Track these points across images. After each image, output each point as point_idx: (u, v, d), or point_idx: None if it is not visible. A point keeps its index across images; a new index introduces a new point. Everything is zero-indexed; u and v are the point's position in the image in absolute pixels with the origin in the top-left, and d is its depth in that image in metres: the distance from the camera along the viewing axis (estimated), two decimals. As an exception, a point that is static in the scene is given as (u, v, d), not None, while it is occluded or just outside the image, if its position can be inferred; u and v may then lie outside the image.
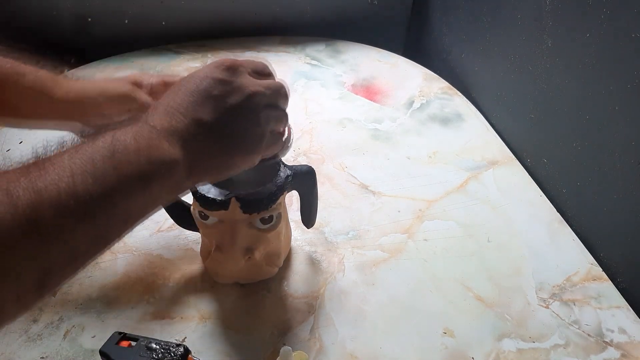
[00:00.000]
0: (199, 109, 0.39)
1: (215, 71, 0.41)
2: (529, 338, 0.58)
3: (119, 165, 0.33)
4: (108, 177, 0.33)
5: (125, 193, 0.34)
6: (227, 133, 0.41)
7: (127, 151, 0.34)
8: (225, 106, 0.41)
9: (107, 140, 0.34)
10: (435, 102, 0.94)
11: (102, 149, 0.34)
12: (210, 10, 1.08)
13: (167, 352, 0.49)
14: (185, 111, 0.39)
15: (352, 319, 0.59)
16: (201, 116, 0.39)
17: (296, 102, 0.93)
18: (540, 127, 0.79)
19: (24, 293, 0.30)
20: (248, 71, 0.44)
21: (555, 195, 0.76)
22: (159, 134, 0.37)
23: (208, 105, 0.40)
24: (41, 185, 0.30)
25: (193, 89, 0.40)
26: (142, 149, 0.35)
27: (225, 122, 0.40)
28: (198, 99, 0.40)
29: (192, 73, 0.42)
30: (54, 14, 1.00)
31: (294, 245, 0.66)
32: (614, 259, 0.66)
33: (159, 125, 0.37)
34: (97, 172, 0.32)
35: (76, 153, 0.33)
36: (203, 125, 0.39)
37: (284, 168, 0.55)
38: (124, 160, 0.34)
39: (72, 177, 0.31)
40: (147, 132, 0.36)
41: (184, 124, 0.38)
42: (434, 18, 1.12)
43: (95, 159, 0.33)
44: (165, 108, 0.39)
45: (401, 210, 0.73)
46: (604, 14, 0.63)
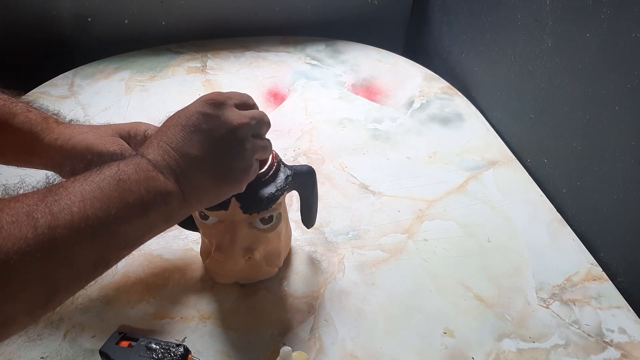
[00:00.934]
0: (188, 143, 0.43)
1: (202, 106, 0.44)
2: (529, 338, 0.58)
3: (123, 193, 0.37)
4: (113, 203, 0.37)
5: (127, 219, 0.38)
6: (216, 166, 0.44)
7: (130, 181, 0.38)
8: (213, 140, 0.44)
9: (112, 170, 0.38)
10: (435, 102, 0.94)
11: (109, 177, 0.38)
12: (210, 10, 1.08)
13: (167, 352, 0.49)
14: (176, 146, 0.42)
15: (352, 319, 0.59)
16: (190, 151, 0.42)
17: (296, 102, 0.93)
18: (540, 127, 0.79)
19: (35, 307, 0.33)
20: (233, 104, 0.47)
21: (555, 195, 0.76)
22: (155, 167, 0.40)
23: (197, 140, 0.43)
24: (56, 209, 0.34)
25: (183, 124, 0.43)
26: (141, 180, 0.39)
27: (214, 156, 0.44)
28: (187, 134, 0.43)
29: (182, 109, 0.45)
30: (54, 14, 1.00)
31: (294, 245, 0.66)
32: (614, 259, 0.66)
33: (154, 159, 0.41)
34: (104, 198, 0.36)
35: (85, 181, 0.37)
36: (193, 159, 0.42)
37: (284, 168, 0.55)
38: (127, 189, 0.38)
39: (82, 202, 0.35)
40: (145, 164, 0.40)
41: (175, 158, 0.42)
42: (434, 18, 1.12)
43: (102, 187, 0.37)
44: (158, 143, 0.42)
45: (401, 210, 0.73)
46: (604, 14, 0.63)
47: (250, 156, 0.47)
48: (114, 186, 0.37)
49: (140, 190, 0.38)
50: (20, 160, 0.55)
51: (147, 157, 0.41)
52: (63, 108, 0.87)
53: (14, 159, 0.55)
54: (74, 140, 0.52)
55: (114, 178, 0.38)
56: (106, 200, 0.36)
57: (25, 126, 0.52)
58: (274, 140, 0.58)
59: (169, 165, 0.41)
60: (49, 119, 0.54)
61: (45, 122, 0.53)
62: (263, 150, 0.49)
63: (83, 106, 0.88)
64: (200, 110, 0.44)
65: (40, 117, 0.53)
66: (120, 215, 0.37)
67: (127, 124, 0.57)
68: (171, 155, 0.42)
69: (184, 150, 0.42)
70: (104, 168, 0.38)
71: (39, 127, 0.52)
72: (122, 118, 0.86)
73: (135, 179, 0.39)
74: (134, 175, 0.39)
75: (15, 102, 0.53)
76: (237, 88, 0.94)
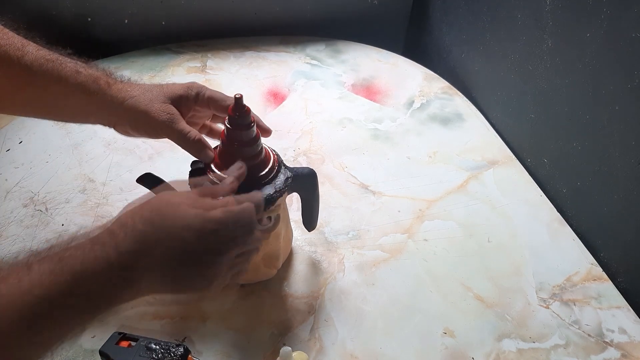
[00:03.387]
0: (167, 254, 0.41)
1: (201, 224, 0.42)
2: (529, 338, 0.58)
3: (77, 289, 0.37)
4: (64, 298, 0.37)
5: (74, 310, 0.38)
6: (181, 281, 0.43)
7: (88, 280, 0.37)
8: (193, 259, 0.42)
9: (73, 262, 0.37)
10: (435, 102, 0.94)
11: (67, 272, 0.37)
12: (210, 10, 1.08)
13: (167, 352, 0.49)
14: (154, 252, 0.40)
15: (352, 319, 0.59)
16: (168, 262, 0.41)
17: (296, 102, 0.93)
18: (540, 127, 0.79)
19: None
20: (231, 228, 0.44)
21: (555, 195, 0.76)
22: (118, 265, 0.39)
23: (177, 254, 0.41)
24: (4, 302, 0.35)
25: (171, 235, 0.41)
26: (100, 279, 0.38)
27: (185, 272, 0.42)
28: (169, 243, 0.41)
29: (175, 209, 0.42)
30: (53, 14, 1.00)
31: (294, 245, 0.66)
32: (614, 259, 0.66)
33: (122, 252, 0.39)
34: (54, 291, 0.36)
35: (41, 270, 0.36)
36: (164, 268, 0.41)
37: (284, 170, 0.55)
38: (83, 288, 0.37)
39: (29, 295, 0.35)
40: (106, 260, 0.38)
41: (146, 260, 0.40)
42: (434, 18, 1.12)
43: (55, 282, 0.36)
44: (135, 237, 0.40)
45: (401, 210, 0.72)
46: (604, 14, 0.63)
47: (225, 278, 0.45)
48: (70, 282, 0.37)
49: (96, 287, 0.38)
50: (76, 120, 0.57)
51: (116, 250, 0.39)
52: (63, 108, 0.88)
53: (70, 119, 0.57)
54: (125, 105, 0.52)
55: (70, 272, 0.37)
56: (58, 294, 0.36)
57: (78, 90, 0.52)
58: (274, 140, 0.59)
59: (135, 266, 0.40)
60: (99, 80, 0.53)
61: (95, 84, 0.52)
62: (241, 269, 0.47)
63: (83, 106, 0.88)
64: (194, 229, 0.41)
65: (91, 79, 0.52)
66: (67, 306, 0.37)
67: (179, 85, 0.55)
68: (143, 256, 0.40)
69: (158, 257, 0.40)
70: (65, 258, 0.37)
71: (91, 89, 0.52)
72: (122, 118, 0.86)
73: (94, 277, 0.38)
74: (93, 276, 0.38)
75: (64, 63, 0.52)
76: (237, 88, 0.94)
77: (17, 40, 0.51)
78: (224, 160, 0.53)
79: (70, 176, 0.76)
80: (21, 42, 0.51)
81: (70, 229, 0.67)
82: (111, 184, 0.75)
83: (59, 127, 0.84)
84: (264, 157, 0.54)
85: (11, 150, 0.79)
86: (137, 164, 0.78)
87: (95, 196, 0.72)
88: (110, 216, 0.70)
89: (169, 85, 0.55)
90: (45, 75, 0.51)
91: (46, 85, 0.52)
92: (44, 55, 0.52)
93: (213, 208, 0.43)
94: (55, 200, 0.71)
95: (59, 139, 0.82)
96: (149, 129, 0.54)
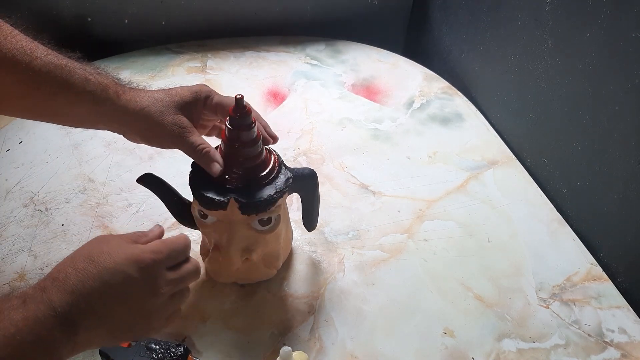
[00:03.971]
0: (100, 300, 0.40)
1: (130, 268, 0.41)
2: (529, 338, 0.58)
3: (12, 352, 0.36)
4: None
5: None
6: (121, 326, 0.42)
7: (18, 337, 0.36)
8: (130, 305, 0.42)
9: (4, 324, 0.37)
10: (435, 102, 0.94)
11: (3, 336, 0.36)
12: (210, 10, 1.08)
13: (167, 352, 0.49)
14: (87, 300, 0.40)
15: (352, 319, 0.59)
16: (101, 309, 0.40)
17: (296, 102, 0.93)
18: (540, 127, 0.79)
19: None
20: (164, 266, 0.44)
21: (555, 195, 0.76)
22: (51, 322, 0.38)
23: (112, 301, 0.41)
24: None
25: (102, 279, 0.41)
26: (32, 337, 0.37)
27: (125, 318, 0.42)
28: (103, 289, 0.40)
29: (108, 255, 0.42)
30: (53, 13, 1.00)
31: (294, 245, 0.66)
32: (614, 259, 0.66)
33: (51, 315, 0.38)
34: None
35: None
36: (100, 317, 0.41)
37: (285, 170, 0.55)
38: (14, 346, 0.36)
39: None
40: (39, 321, 0.38)
41: (81, 312, 0.39)
42: (434, 18, 1.12)
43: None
44: (67, 289, 0.39)
45: (401, 210, 0.73)
46: (604, 14, 0.63)
47: (162, 320, 0.45)
48: (5, 347, 0.36)
49: (32, 347, 0.37)
50: (84, 126, 0.57)
51: (50, 307, 0.38)
52: (63, 108, 0.87)
53: (78, 125, 0.58)
54: (136, 117, 0.52)
55: (4, 337, 0.36)
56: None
57: (86, 99, 0.52)
58: (274, 140, 0.58)
59: (70, 320, 0.39)
60: (109, 89, 0.52)
61: (104, 93, 0.52)
62: (177, 308, 0.47)
63: (83, 106, 0.88)
64: (127, 273, 0.41)
65: (100, 87, 0.52)
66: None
67: (187, 91, 0.55)
68: (78, 307, 0.39)
69: (94, 306, 0.40)
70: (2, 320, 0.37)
71: (100, 98, 0.52)
72: (122, 118, 0.86)
73: (30, 337, 0.37)
74: (26, 331, 0.37)
75: (73, 70, 0.51)
76: (237, 88, 0.94)
77: (25, 44, 0.50)
78: (224, 161, 0.53)
79: (70, 176, 0.76)
80: (29, 46, 0.50)
81: (70, 229, 0.68)
82: (111, 184, 0.75)
83: (59, 127, 0.84)
84: (264, 158, 0.54)
85: (11, 150, 0.79)
86: (137, 164, 0.78)
87: (95, 196, 0.73)
88: (110, 216, 0.70)
89: (178, 91, 0.55)
90: (53, 82, 0.51)
91: (54, 92, 0.51)
92: (52, 60, 0.51)
93: (143, 250, 0.43)
94: (55, 200, 0.71)
95: (59, 139, 0.82)
96: (161, 142, 0.54)
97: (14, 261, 0.63)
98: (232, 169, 0.52)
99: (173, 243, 0.45)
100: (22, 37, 0.51)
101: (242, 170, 0.52)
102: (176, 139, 0.53)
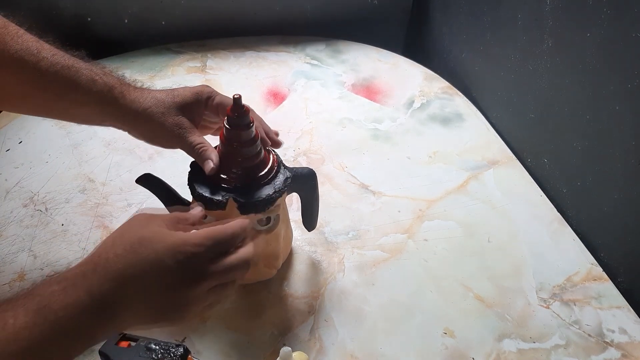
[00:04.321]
0: (142, 291, 0.41)
1: (171, 259, 0.41)
2: (529, 338, 0.58)
3: (56, 337, 0.37)
4: (45, 344, 0.37)
5: (47, 357, 0.38)
6: (159, 311, 0.43)
7: (60, 323, 0.38)
8: (169, 291, 0.42)
9: (45, 311, 0.37)
10: (435, 102, 0.94)
11: (49, 321, 0.37)
12: (210, 10, 1.08)
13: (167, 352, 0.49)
14: (126, 293, 0.40)
15: (352, 319, 0.59)
16: (139, 300, 0.41)
17: (296, 102, 0.93)
18: (540, 127, 0.79)
19: None
20: (206, 260, 0.43)
21: (555, 195, 0.76)
22: (90, 309, 0.39)
23: (152, 290, 0.41)
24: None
25: (145, 269, 0.41)
26: (72, 323, 0.38)
27: (160, 306, 0.42)
28: (146, 281, 0.41)
29: (152, 243, 0.42)
30: (53, 13, 1.00)
31: (294, 246, 0.66)
32: (614, 259, 0.66)
33: (90, 302, 0.39)
34: (32, 345, 0.36)
35: (21, 316, 0.37)
36: (137, 310, 0.41)
37: (284, 170, 0.55)
38: (61, 334, 0.38)
39: (5, 352, 0.35)
40: (79, 308, 0.38)
41: (119, 303, 0.40)
42: (434, 18, 1.12)
43: (35, 332, 0.37)
44: (106, 281, 0.40)
45: (401, 210, 0.72)
46: (604, 14, 0.63)
47: (201, 309, 0.45)
48: (47, 333, 0.37)
49: (72, 333, 0.38)
50: (89, 124, 0.58)
51: (89, 294, 0.39)
52: (63, 108, 0.87)
53: (83, 123, 0.58)
54: (138, 117, 0.53)
55: (46, 323, 0.37)
56: (37, 347, 0.36)
57: (92, 100, 0.52)
58: (274, 140, 0.58)
59: (109, 306, 0.40)
60: (114, 90, 0.53)
61: (110, 94, 0.53)
62: (218, 299, 0.46)
63: (83, 106, 0.88)
64: (167, 264, 0.41)
65: (106, 88, 0.53)
66: (46, 357, 0.37)
67: (189, 92, 0.55)
68: (117, 295, 0.40)
69: (133, 294, 0.40)
70: (40, 310, 0.37)
71: (105, 99, 0.53)
72: (122, 118, 0.86)
73: (70, 324, 0.38)
74: (66, 319, 0.38)
75: (79, 71, 0.52)
76: (237, 88, 0.94)
77: (31, 44, 0.51)
78: (223, 160, 0.53)
79: (70, 176, 0.76)
80: (36, 46, 0.51)
81: (69, 229, 0.68)
82: (111, 184, 0.75)
83: (59, 127, 0.84)
84: (263, 157, 0.54)
85: (11, 150, 0.79)
86: (137, 164, 0.78)
87: (95, 196, 0.72)
88: (109, 216, 0.70)
89: (180, 92, 0.55)
90: (60, 83, 0.51)
91: (61, 93, 0.52)
92: (59, 61, 0.51)
93: (185, 242, 0.42)
94: (55, 200, 0.71)
95: (59, 139, 0.82)
96: (162, 142, 0.55)
97: (14, 261, 0.63)
98: (231, 168, 0.52)
99: (219, 234, 0.43)
100: (28, 36, 0.51)
101: (240, 170, 0.52)
102: (176, 140, 0.54)
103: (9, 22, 0.51)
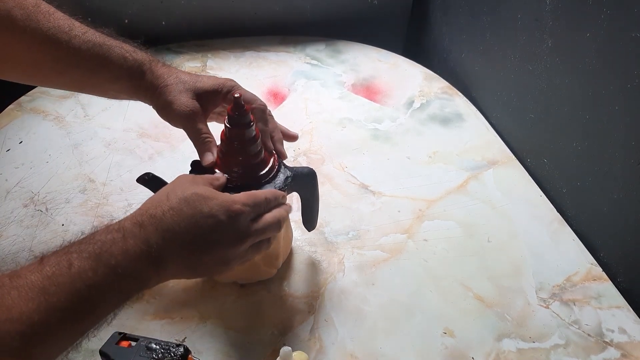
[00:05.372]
0: (192, 244, 0.44)
1: (221, 214, 0.44)
2: (529, 338, 0.58)
3: (112, 284, 0.40)
4: (100, 291, 0.40)
5: (110, 302, 0.41)
6: (201, 265, 0.46)
7: (121, 273, 0.41)
8: (217, 248, 0.45)
9: (107, 258, 0.40)
10: (435, 102, 0.94)
11: (103, 266, 0.40)
12: (210, 10, 1.08)
13: (167, 352, 0.49)
14: (177, 246, 0.43)
15: (352, 319, 0.59)
16: (189, 252, 0.44)
17: (296, 102, 0.93)
18: (540, 127, 0.79)
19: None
20: (249, 219, 0.46)
21: (555, 195, 0.76)
22: (147, 258, 0.42)
23: (201, 244, 0.44)
24: (52, 290, 0.38)
25: (195, 223, 0.44)
26: (129, 269, 0.41)
27: (208, 256, 0.45)
28: (197, 234, 0.44)
29: (200, 200, 0.44)
30: (54, 14, 1.00)
31: (294, 245, 0.66)
32: (614, 259, 0.66)
33: (147, 251, 0.42)
34: (93, 286, 0.40)
35: (76, 265, 0.39)
36: (185, 261, 0.44)
37: (284, 169, 0.55)
38: (116, 280, 0.41)
39: (72, 290, 0.38)
40: (137, 256, 0.42)
41: (171, 254, 0.43)
42: (434, 18, 1.12)
43: (92, 278, 0.39)
44: (160, 229, 0.43)
45: (401, 210, 0.73)
46: (604, 14, 0.63)
47: (237, 264, 0.48)
48: (108, 277, 0.40)
49: (130, 280, 0.42)
50: (118, 98, 0.61)
51: (147, 244, 0.42)
52: (63, 108, 0.87)
53: (114, 97, 0.60)
54: (157, 92, 0.55)
55: (108, 267, 0.40)
56: (95, 287, 0.39)
57: (123, 76, 0.55)
58: (274, 140, 0.58)
59: (163, 257, 0.43)
60: (144, 66, 0.56)
61: (140, 69, 0.55)
62: (260, 249, 0.50)
63: (83, 106, 0.88)
64: (219, 219, 0.44)
65: (136, 64, 0.55)
66: (105, 299, 0.41)
67: (212, 81, 0.57)
68: (171, 246, 0.43)
69: (184, 246, 0.43)
70: (102, 254, 0.40)
71: (135, 74, 0.55)
72: (123, 118, 0.86)
73: (128, 271, 0.41)
74: (125, 264, 0.41)
75: (111, 48, 0.55)
76: (237, 88, 0.94)
77: (63, 22, 0.53)
78: (223, 159, 0.53)
79: (70, 176, 0.76)
80: (68, 24, 0.53)
81: (70, 229, 0.68)
82: (111, 184, 0.75)
83: (59, 127, 0.84)
84: (263, 157, 0.54)
85: (11, 150, 0.79)
86: (137, 164, 0.78)
87: (95, 196, 0.73)
88: (110, 216, 0.70)
89: (204, 79, 0.57)
90: (93, 60, 0.54)
91: (93, 69, 0.54)
92: (90, 38, 0.54)
93: (235, 200, 0.46)
94: (56, 200, 0.71)
95: (59, 139, 0.82)
96: (170, 118, 0.56)
97: (14, 261, 0.63)
98: (232, 167, 0.53)
99: (258, 197, 0.47)
100: (59, 14, 0.54)
101: (241, 169, 0.53)
102: (184, 120, 0.55)
103: (40, 1, 0.53)
